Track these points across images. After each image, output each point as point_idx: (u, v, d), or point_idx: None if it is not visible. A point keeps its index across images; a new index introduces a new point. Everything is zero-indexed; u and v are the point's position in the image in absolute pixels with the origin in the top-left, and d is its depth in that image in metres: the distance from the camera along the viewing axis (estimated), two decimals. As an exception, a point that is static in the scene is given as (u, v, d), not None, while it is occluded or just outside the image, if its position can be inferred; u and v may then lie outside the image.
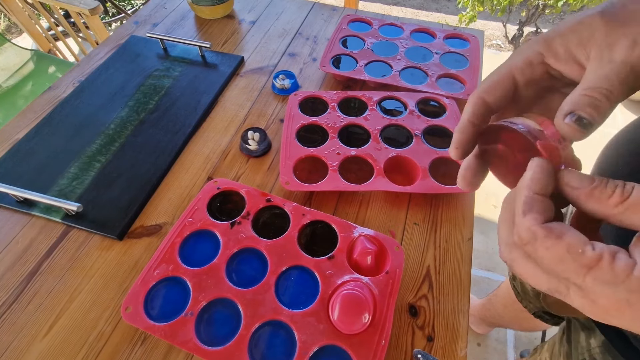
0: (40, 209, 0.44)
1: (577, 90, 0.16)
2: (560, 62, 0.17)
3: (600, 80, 0.15)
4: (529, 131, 0.17)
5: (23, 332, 0.36)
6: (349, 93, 0.54)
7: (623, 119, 1.41)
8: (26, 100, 0.97)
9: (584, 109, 0.15)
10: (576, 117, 0.15)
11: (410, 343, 0.35)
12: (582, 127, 0.15)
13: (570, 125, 0.15)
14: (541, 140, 0.16)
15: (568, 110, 0.15)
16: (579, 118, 0.15)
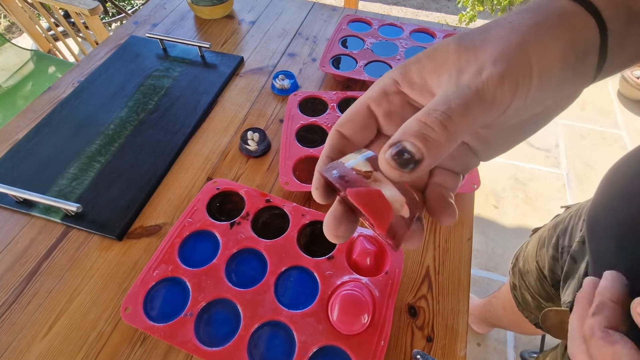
0: (39, 210, 0.44)
1: (412, 117, 0.13)
2: (415, 90, 0.16)
3: (437, 103, 0.13)
4: (340, 176, 0.14)
5: (23, 332, 0.36)
6: (348, 93, 0.54)
7: (623, 120, 1.41)
8: (26, 100, 0.97)
9: (409, 138, 0.12)
10: (397, 151, 0.12)
11: (410, 343, 0.35)
12: (400, 165, 0.12)
13: (387, 162, 0.12)
14: (353, 187, 0.13)
15: (392, 141, 0.12)
16: (400, 152, 0.12)
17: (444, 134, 0.12)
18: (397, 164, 0.12)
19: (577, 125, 1.40)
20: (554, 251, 0.45)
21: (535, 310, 0.53)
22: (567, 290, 0.37)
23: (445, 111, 0.12)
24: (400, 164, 0.12)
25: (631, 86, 1.42)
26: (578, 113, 1.45)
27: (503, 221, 1.14)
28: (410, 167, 0.12)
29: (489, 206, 1.18)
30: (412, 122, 0.12)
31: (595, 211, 0.29)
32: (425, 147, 0.12)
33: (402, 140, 0.12)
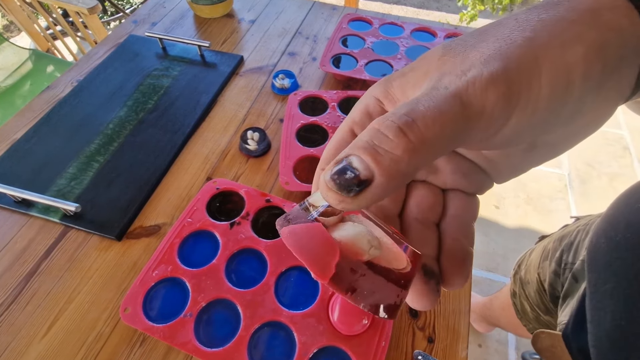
0: (38, 210, 0.44)
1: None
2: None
3: (400, 106, 0.10)
4: (285, 217, 0.11)
5: (21, 333, 0.36)
6: (349, 93, 0.54)
7: (625, 120, 1.41)
8: (24, 99, 0.97)
9: (356, 151, 0.09)
10: (338, 169, 0.09)
11: (411, 344, 0.35)
12: (339, 187, 0.09)
13: (325, 184, 0.09)
14: (291, 224, 0.11)
15: (338, 157, 0.10)
16: (341, 169, 0.09)
17: (402, 144, 0.09)
18: (335, 186, 0.09)
19: (577, 125, 1.40)
20: (557, 266, 0.43)
21: (533, 321, 0.52)
22: (564, 310, 0.36)
23: (406, 113, 0.09)
24: (340, 185, 0.09)
25: (632, 85, 1.42)
26: (579, 112, 1.44)
27: (504, 222, 1.14)
28: (353, 190, 0.09)
29: (490, 206, 1.18)
30: (365, 131, 0.10)
31: (597, 239, 0.26)
32: (374, 162, 0.09)
33: (349, 155, 0.09)
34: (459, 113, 0.09)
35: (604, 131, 1.38)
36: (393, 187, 0.09)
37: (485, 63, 0.10)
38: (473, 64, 0.10)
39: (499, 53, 0.10)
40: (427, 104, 0.09)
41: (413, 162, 0.09)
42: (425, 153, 0.09)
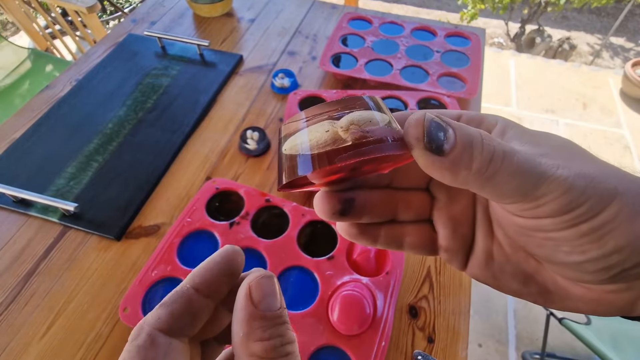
0: (37, 209, 0.44)
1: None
2: None
3: (505, 145, 0.11)
4: (314, 155, 0.11)
5: (21, 333, 0.36)
6: (349, 92, 0.54)
7: (626, 119, 1.41)
8: (23, 99, 0.96)
9: (460, 131, 0.11)
10: (437, 124, 0.11)
11: (411, 344, 0.35)
12: (428, 135, 0.10)
13: (424, 122, 0.11)
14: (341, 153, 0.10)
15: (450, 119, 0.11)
16: (438, 127, 0.11)
17: (478, 164, 0.10)
18: (427, 134, 0.10)
19: (579, 125, 1.39)
20: None
21: None
22: None
23: (502, 152, 0.10)
24: (431, 135, 0.10)
25: (634, 84, 1.42)
26: (580, 112, 1.44)
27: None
28: (433, 145, 0.10)
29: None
30: (475, 130, 0.11)
31: None
32: (456, 154, 0.10)
33: (455, 128, 0.10)
34: (532, 184, 0.10)
35: (605, 130, 1.37)
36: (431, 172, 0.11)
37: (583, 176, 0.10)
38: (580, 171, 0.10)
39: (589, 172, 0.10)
40: (519, 158, 0.10)
41: (459, 181, 0.11)
42: (464, 179, 0.10)
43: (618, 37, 1.86)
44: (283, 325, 0.11)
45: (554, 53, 1.70)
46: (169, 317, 0.11)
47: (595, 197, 0.10)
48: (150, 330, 0.11)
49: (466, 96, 0.53)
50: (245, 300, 0.11)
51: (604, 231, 0.10)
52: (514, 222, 0.12)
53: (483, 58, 0.60)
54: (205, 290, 0.12)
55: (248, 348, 0.10)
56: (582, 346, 0.62)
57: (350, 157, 0.10)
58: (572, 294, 0.12)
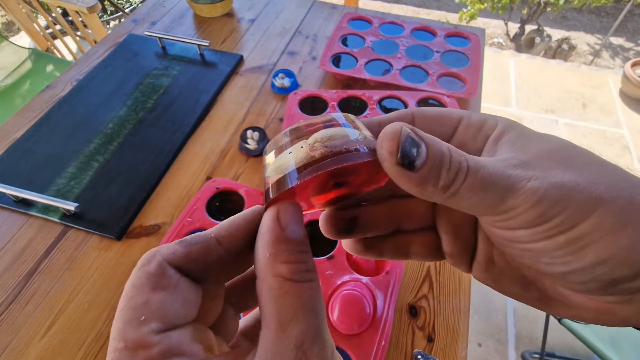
0: (38, 209, 0.44)
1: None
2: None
3: (473, 158, 0.11)
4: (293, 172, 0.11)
5: (21, 332, 0.36)
6: (349, 92, 0.54)
7: (625, 119, 1.41)
8: (24, 99, 0.96)
9: (432, 146, 0.10)
10: (411, 140, 0.10)
11: (411, 344, 0.35)
12: (402, 151, 0.10)
13: (394, 137, 0.11)
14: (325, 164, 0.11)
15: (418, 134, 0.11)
16: (412, 143, 0.10)
17: (446, 182, 0.10)
18: (400, 149, 0.10)
19: (578, 125, 1.40)
20: None
21: None
22: None
23: (470, 165, 0.10)
24: (404, 150, 0.10)
25: (633, 85, 1.42)
26: (579, 112, 1.44)
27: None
28: (405, 161, 0.10)
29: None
30: (443, 145, 0.11)
31: None
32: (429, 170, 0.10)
33: (426, 141, 0.10)
34: (498, 198, 0.10)
35: (604, 130, 1.37)
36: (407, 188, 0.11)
37: (562, 171, 0.10)
38: (542, 165, 0.10)
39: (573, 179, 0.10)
40: (484, 173, 0.10)
41: (437, 198, 0.10)
42: (448, 201, 0.11)
43: (618, 37, 1.86)
44: (307, 253, 0.11)
45: (554, 53, 1.70)
46: (184, 256, 0.11)
47: (573, 208, 0.10)
48: (162, 260, 0.11)
49: (466, 96, 0.53)
50: (272, 223, 0.11)
51: (582, 243, 0.10)
52: (492, 233, 0.12)
53: (483, 58, 0.60)
54: (227, 244, 0.12)
55: (274, 268, 0.10)
56: (581, 345, 0.62)
57: (310, 173, 0.10)
58: (573, 302, 0.12)
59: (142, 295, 0.10)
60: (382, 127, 0.13)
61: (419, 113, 0.14)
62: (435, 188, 0.10)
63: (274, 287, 0.10)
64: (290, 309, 0.10)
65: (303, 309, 0.10)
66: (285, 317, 0.10)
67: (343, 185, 0.12)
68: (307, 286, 0.10)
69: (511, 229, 0.11)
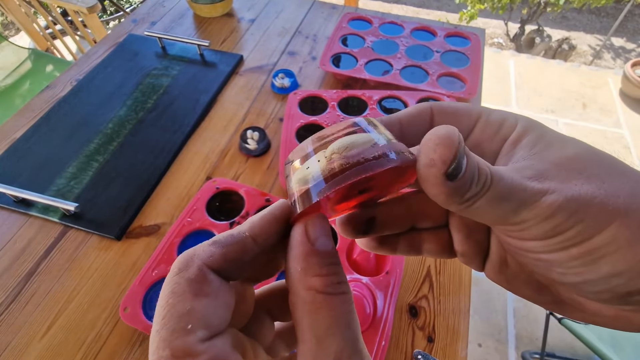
0: (38, 209, 0.44)
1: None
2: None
3: (494, 168, 0.10)
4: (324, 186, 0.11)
5: (21, 332, 0.36)
6: (349, 92, 0.54)
7: (625, 119, 1.41)
8: (24, 99, 0.96)
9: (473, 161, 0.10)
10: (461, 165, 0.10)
11: (411, 344, 0.35)
12: (451, 173, 0.10)
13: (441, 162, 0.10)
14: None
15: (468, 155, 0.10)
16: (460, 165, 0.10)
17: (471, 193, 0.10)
18: (448, 172, 0.10)
19: (578, 125, 1.40)
20: None
21: None
22: None
23: (491, 173, 0.10)
24: (452, 172, 0.09)
25: (633, 84, 1.42)
26: (579, 112, 1.44)
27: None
28: (452, 177, 0.10)
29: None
30: (477, 158, 0.10)
31: None
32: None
33: (473, 160, 0.10)
34: (511, 210, 0.10)
35: (604, 130, 1.37)
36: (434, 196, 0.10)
37: (588, 180, 0.10)
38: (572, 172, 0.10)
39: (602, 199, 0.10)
40: (503, 186, 0.10)
41: (453, 206, 0.10)
42: (465, 211, 0.10)
43: (618, 38, 1.86)
44: (337, 265, 0.11)
45: (554, 53, 1.70)
46: (221, 258, 0.11)
47: (589, 220, 0.09)
48: (202, 265, 0.10)
49: (466, 96, 0.53)
50: (302, 237, 0.11)
51: (597, 255, 0.10)
52: (505, 241, 0.12)
53: (483, 58, 0.60)
54: (262, 243, 0.11)
55: (306, 282, 0.10)
56: (581, 345, 0.62)
57: (330, 187, 0.10)
58: (587, 308, 0.12)
59: (185, 303, 0.10)
60: (403, 126, 0.13)
61: (437, 108, 0.13)
62: (461, 199, 0.10)
63: (308, 301, 0.10)
64: (325, 323, 0.10)
65: (337, 323, 0.10)
66: (320, 332, 0.10)
67: (368, 190, 0.12)
68: (340, 299, 0.10)
69: (524, 239, 0.11)
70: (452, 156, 0.09)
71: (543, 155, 0.11)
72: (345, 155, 0.10)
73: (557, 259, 0.10)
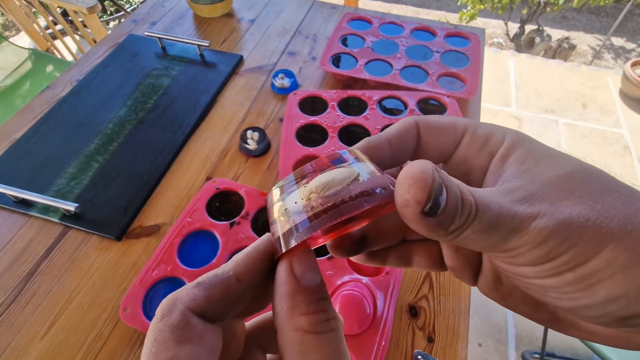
0: (38, 209, 0.44)
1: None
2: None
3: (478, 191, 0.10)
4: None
5: (21, 332, 0.36)
6: (349, 92, 0.54)
7: (625, 119, 1.41)
8: (24, 99, 0.96)
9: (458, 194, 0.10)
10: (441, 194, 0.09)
11: (411, 344, 0.35)
12: (431, 205, 0.09)
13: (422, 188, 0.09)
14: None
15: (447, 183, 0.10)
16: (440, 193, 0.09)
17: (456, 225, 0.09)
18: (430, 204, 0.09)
19: (578, 125, 1.40)
20: None
21: None
22: None
23: (476, 201, 0.10)
24: (432, 206, 0.09)
25: (633, 84, 1.42)
26: (579, 112, 1.44)
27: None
28: (431, 212, 0.09)
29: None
30: (461, 185, 0.10)
31: None
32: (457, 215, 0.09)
33: (453, 188, 0.10)
34: (500, 239, 0.10)
35: (604, 130, 1.37)
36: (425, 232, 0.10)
37: (576, 202, 0.10)
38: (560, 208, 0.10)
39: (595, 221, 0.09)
40: (490, 215, 0.09)
41: (440, 236, 0.10)
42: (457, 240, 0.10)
43: (618, 38, 1.86)
44: (326, 301, 0.10)
45: (554, 53, 1.70)
46: (205, 300, 0.10)
47: (582, 245, 0.09)
48: (184, 309, 0.10)
49: (466, 96, 0.53)
50: (287, 275, 0.10)
51: (593, 280, 0.09)
52: (497, 265, 0.12)
53: (482, 58, 0.60)
54: (246, 280, 0.11)
55: (293, 322, 0.10)
56: (581, 345, 0.62)
57: (311, 230, 0.10)
58: (585, 328, 0.11)
59: (167, 351, 0.09)
60: (392, 146, 0.13)
61: (423, 123, 0.13)
62: (445, 232, 0.10)
63: (296, 342, 0.10)
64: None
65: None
66: None
67: (353, 221, 0.12)
68: (329, 337, 0.10)
69: (515, 265, 0.10)
70: (426, 196, 0.09)
71: (533, 173, 0.11)
72: (322, 196, 0.10)
73: (551, 284, 0.10)
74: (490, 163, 0.12)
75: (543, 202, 0.10)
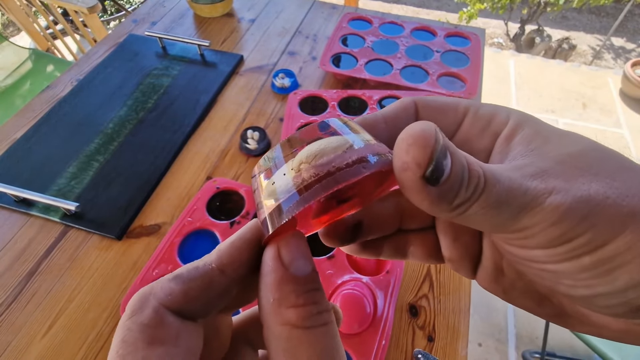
0: (38, 209, 0.44)
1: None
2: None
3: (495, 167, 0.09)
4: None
5: (22, 332, 0.36)
6: (349, 92, 0.54)
7: (625, 119, 1.41)
8: (24, 99, 0.96)
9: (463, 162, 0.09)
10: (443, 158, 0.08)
11: (411, 343, 0.35)
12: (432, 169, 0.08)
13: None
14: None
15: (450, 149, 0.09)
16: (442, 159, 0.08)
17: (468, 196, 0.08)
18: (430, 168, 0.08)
19: (578, 125, 1.40)
20: None
21: None
22: None
23: (491, 177, 0.09)
24: (433, 170, 0.08)
25: (633, 84, 1.42)
26: (579, 112, 1.44)
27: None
28: (432, 179, 0.08)
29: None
30: (466, 155, 0.09)
31: None
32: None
33: (459, 158, 0.08)
34: (511, 216, 0.09)
35: (604, 130, 1.37)
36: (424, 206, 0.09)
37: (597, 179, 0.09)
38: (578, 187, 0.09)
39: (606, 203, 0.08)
40: (499, 189, 0.09)
41: (448, 213, 0.09)
42: (464, 219, 0.09)
43: (618, 38, 1.86)
44: (317, 292, 0.09)
45: (554, 53, 1.70)
46: (182, 296, 0.09)
47: (601, 225, 0.08)
48: (158, 306, 0.09)
49: (466, 96, 0.53)
50: (274, 262, 0.09)
51: (613, 265, 0.08)
52: (504, 249, 0.11)
53: (483, 58, 0.60)
54: (231, 273, 0.10)
55: (280, 315, 0.09)
56: (582, 345, 0.62)
57: (303, 202, 0.08)
58: (594, 322, 0.10)
59: (135, 354, 0.08)
60: (388, 124, 0.11)
61: (422, 102, 0.12)
62: (449, 206, 0.09)
63: (283, 337, 0.09)
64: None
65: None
66: None
67: (348, 200, 0.11)
68: (321, 331, 0.09)
69: (527, 247, 0.09)
70: (428, 158, 0.08)
71: (542, 151, 0.10)
72: (314, 165, 0.09)
73: (565, 269, 0.09)
74: (494, 144, 0.11)
75: (557, 178, 0.09)
